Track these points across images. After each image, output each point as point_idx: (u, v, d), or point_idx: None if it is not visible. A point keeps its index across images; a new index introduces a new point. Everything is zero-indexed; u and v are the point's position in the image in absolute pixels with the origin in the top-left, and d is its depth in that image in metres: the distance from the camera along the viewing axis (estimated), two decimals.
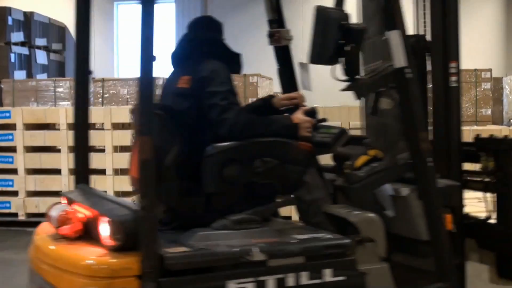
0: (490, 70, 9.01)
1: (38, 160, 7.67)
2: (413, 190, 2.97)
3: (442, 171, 3.10)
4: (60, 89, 9.79)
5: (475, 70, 8.87)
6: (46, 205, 7.43)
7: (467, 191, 3.31)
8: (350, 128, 6.23)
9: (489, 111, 8.89)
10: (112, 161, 7.48)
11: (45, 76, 12.28)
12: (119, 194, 7.48)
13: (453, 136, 3.23)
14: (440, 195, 2.83)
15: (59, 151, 7.62)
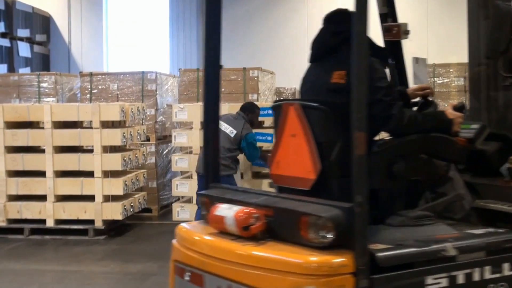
0: None
1: (20, 161, 7.40)
2: None
3: None
4: (44, 84, 9.43)
5: None
6: (29, 210, 7.25)
7: None
8: None
9: None
10: (101, 162, 7.24)
11: (28, 70, 12.09)
12: (108, 198, 7.30)
13: None
14: None
15: (43, 151, 7.35)
